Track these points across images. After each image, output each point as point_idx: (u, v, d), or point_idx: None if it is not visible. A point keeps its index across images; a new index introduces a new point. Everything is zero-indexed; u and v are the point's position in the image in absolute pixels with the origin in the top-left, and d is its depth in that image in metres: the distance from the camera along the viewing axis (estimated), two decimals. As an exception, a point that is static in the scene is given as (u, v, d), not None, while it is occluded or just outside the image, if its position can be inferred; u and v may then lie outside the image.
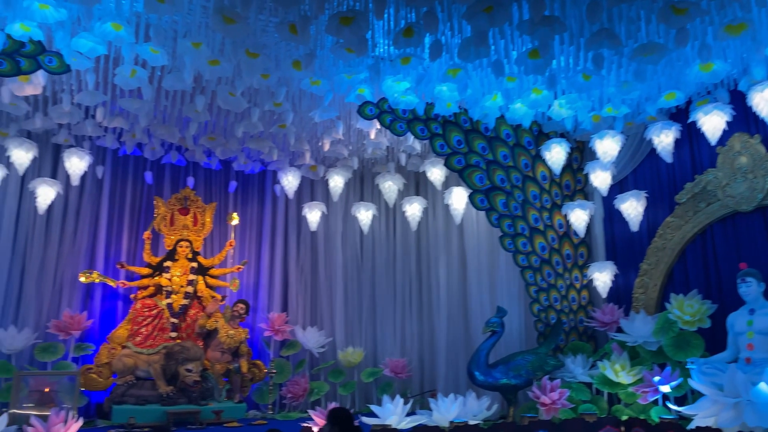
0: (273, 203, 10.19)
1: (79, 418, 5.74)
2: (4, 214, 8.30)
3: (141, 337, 8.28)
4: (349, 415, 4.23)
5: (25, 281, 8.39)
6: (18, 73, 6.19)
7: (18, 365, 7.78)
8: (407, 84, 6.35)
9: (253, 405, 8.86)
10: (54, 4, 5.10)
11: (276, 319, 9.34)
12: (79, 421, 5.68)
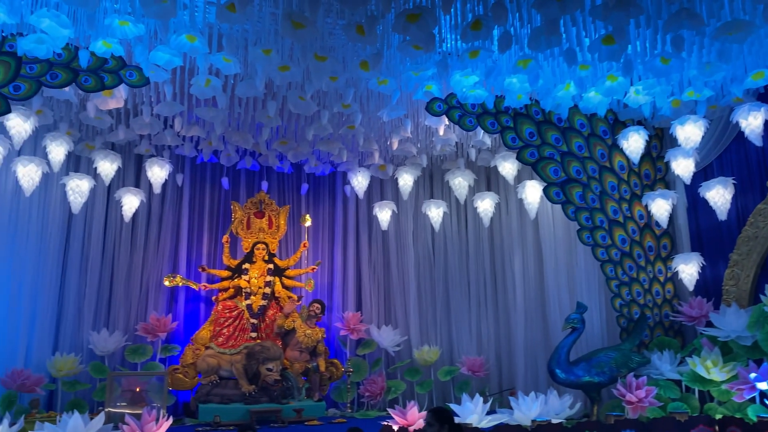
0: (344, 204, 10.30)
1: (169, 417, 5.98)
2: (93, 222, 8.78)
3: (223, 338, 8.55)
4: (453, 414, 4.28)
5: (115, 286, 8.87)
6: (102, 89, 6.51)
7: (110, 366, 8.21)
8: (476, 78, 6.26)
9: (332, 403, 8.98)
10: (133, 21, 5.32)
11: (351, 319, 9.44)
12: (169, 419, 5.91)
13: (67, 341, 8.29)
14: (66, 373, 7.79)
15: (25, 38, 5.63)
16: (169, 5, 4.81)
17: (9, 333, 7.68)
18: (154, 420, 5.68)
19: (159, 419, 5.74)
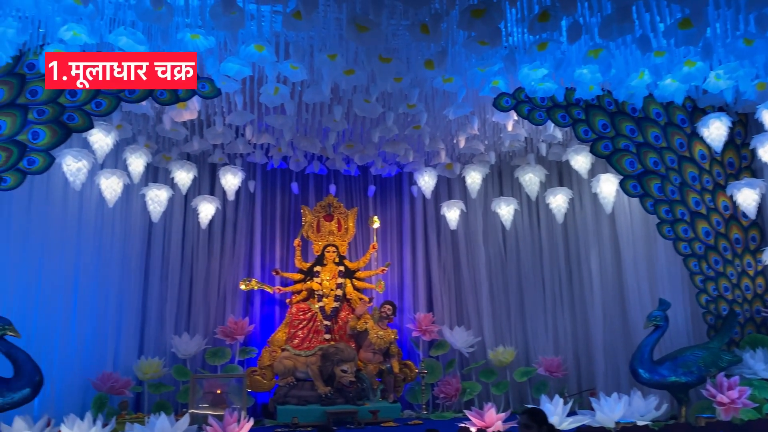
0: (411, 204, 10.28)
1: (250, 418, 6.12)
2: (173, 230, 9.13)
3: (298, 340, 8.69)
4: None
5: (194, 291, 9.20)
6: (176, 101, 6.75)
7: (192, 369, 8.50)
8: (545, 71, 6.11)
9: (407, 405, 8.97)
10: (203, 34, 5.49)
11: (423, 320, 9.40)
12: (250, 421, 6.06)
13: (151, 345, 8.66)
14: (151, 376, 8.13)
15: (106, 57, 5.92)
16: (238, 17, 4.92)
17: (98, 338, 8.09)
18: (236, 421, 5.83)
19: (240, 421, 5.89)
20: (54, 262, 7.59)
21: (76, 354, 7.77)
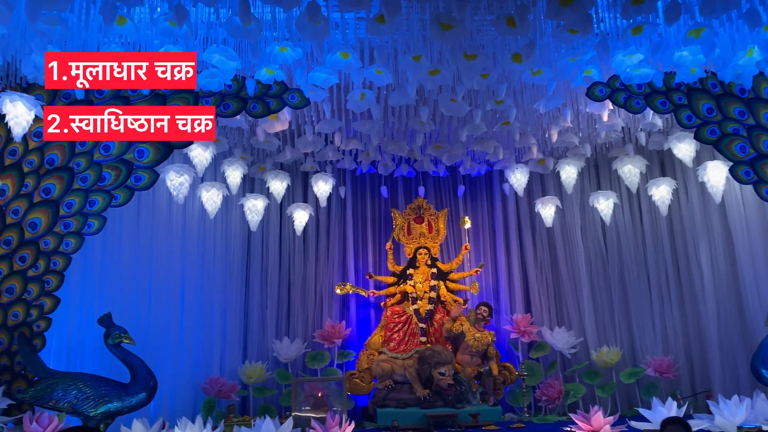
0: (503, 203, 10.06)
1: (351, 421, 6.19)
2: (270, 238, 9.44)
3: (394, 343, 8.71)
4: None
5: (292, 296, 9.47)
6: (268, 113, 6.96)
7: (293, 372, 8.73)
8: (640, 56, 5.78)
9: (508, 408, 8.77)
10: (291, 45, 5.62)
11: (521, 321, 9.16)
12: (351, 423, 6.12)
13: (254, 350, 8.98)
14: (255, 379, 8.42)
15: (200, 74, 6.18)
16: (323, 26, 4.99)
17: (204, 343, 8.48)
18: (338, 424, 5.91)
19: (342, 423, 5.96)
20: (162, 273, 8.03)
21: (186, 360, 8.17)
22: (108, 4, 4.63)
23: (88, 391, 5.90)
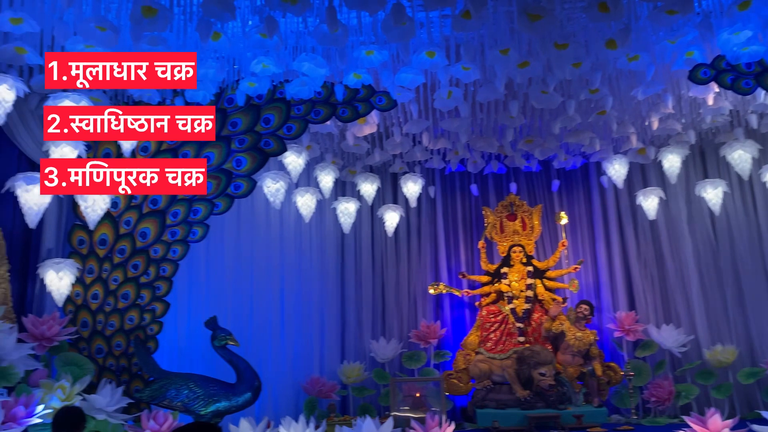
0: (601, 196, 9.67)
1: (451, 422, 6.14)
2: (362, 240, 9.58)
3: (491, 343, 8.58)
4: None
5: (386, 296, 9.55)
6: (357, 117, 7.06)
7: (391, 372, 8.78)
8: (749, 33, 5.37)
9: (613, 409, 8.40)
10: (377, 48, 5.66)
11: (624, 319, 8.75)
12: (451, 424, 6.07)
13: (352, 350, 9.12)
14: (354, 379, 8.55)
15: (290, 84, 6.36)
16: (408, 26, 4.98)
17: (304, 344, 8.72)
18: (438, 425, 5.88)
19: (441, 424, 5.92)
20: (262, 276, 8.34)
21: (287, 360, 8.43)
22: (203, 21, 4.85)
23: (198, 390, 6.21)
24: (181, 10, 5.33)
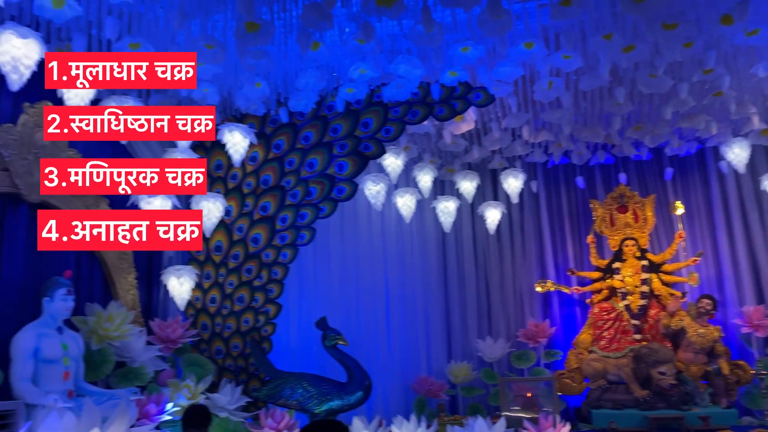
0: (720, 183, 9.02)
1: (566, 422, 5.96)
2: (464, 238, 9.51)
3: (605, 341, 8.24)
4: None
5: (491, 295, 9.42)
6: (454, 115, 7.04)
7: (499, 372, 8.65)
8: None
9: (744, 411, 7.81)
10: (473, 44, 5.59)
11: (753, 313, 8.11)
12: (566, 425, 5.89)
13: (458, 349, 9.07)
14: (462, 379, 8.50)
15: (387, 87, 6.44)
16: (505, 19, 4.89)
17: (410, 344, 8.78)
18: (552, 425, 5.72)
19: (556, 424, 5.76)
20: (367, 277, 8.50)
21: (394, 360, 8.52)
22: (303, 32, 5.01)
23: (312, 390, 6.41)
24: (282, 23, 5.53)
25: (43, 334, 4.81)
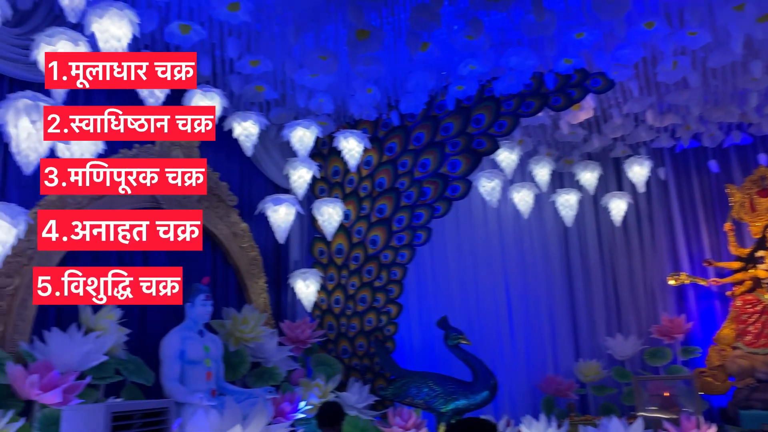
0: None
1: (711, 424, 5.56)
2: (587, 232, 9.15)
3: (751, 336, 7.61)
4: None
5: (619, 290, 9.00)
6: (570, 105, 6.79)
7: (632, 370, 8.23)
8: None
9: None
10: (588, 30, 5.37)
11: None
12: (712, 426, 5.50)
13: (587, 347, 8.74)
14: (592, 378, 8.17)
15: (498, 80, 6.33)
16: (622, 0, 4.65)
17: (535, 342, 8.58)
18: (695, 426, 5.36)
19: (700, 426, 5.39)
20: (485, 275, 8.42)
21: (519, 359, 8.37)
22: (412, 34, 5.05)
23: (437, 389, 6.43)
24: (390, 27, 5.61)
25: (187, 337, 5.20)
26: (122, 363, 4.91)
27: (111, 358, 4.70)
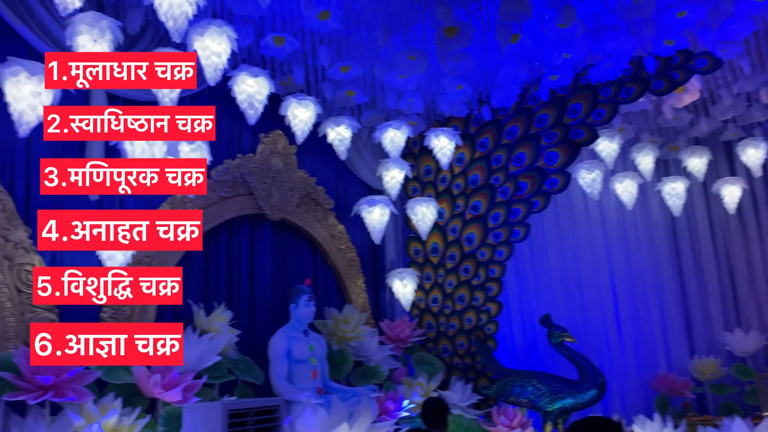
0: None
1: None
2: (697, 221, 8.60)
3: None
4: None
5: (736, 282, 8.40)
6: (674, 88, 6.43)
7: (754, 367, 7.66)
8: None
9: None
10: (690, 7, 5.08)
11: None
12: None
13: (702, 343, 8.23)
14: (710, 376, 7.69)
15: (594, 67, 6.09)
16: (728, -29, 4.36)
17: (645, 339, 8.17)
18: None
19: None
20: (588, 270, 8.11)
21: (627, 356, 8.00)
22: (501, 27, 4.97)
23: (542, 387, 6.28)
24: (479, 21, 5.55)
25: (292, 336, 5.39)
26: (234, 363, 5.16)
27: (224, 359, 4.95)
